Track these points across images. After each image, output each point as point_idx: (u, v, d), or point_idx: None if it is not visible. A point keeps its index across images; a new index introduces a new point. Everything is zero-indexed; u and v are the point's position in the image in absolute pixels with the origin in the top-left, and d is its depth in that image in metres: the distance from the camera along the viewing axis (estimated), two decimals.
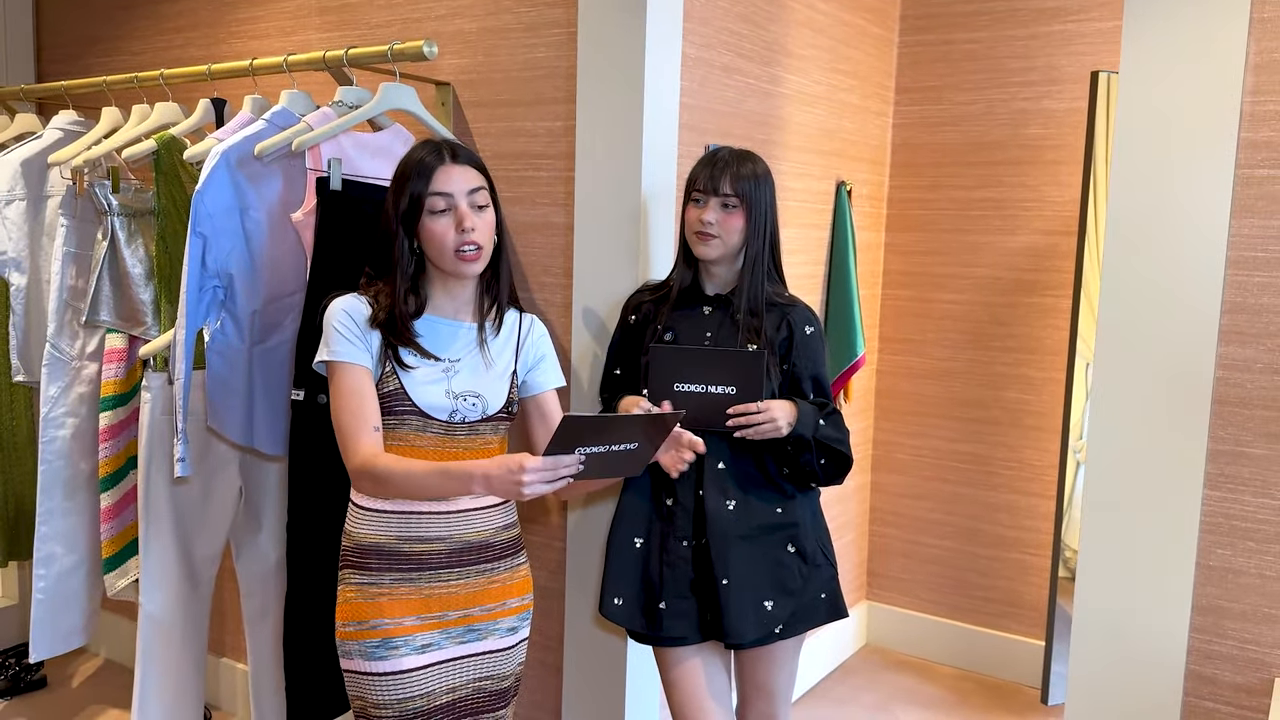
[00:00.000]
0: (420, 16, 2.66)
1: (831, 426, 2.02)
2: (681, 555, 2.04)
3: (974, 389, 3.59)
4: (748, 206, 2.02)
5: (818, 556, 2.08)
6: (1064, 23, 3.34)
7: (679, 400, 1.96)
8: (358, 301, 1.84)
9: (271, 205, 2.32)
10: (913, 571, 3.77)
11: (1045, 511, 3.50)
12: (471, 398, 1.86)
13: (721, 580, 1.99)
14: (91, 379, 2.73)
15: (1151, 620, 1.87)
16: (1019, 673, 3.57)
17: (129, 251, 2.59)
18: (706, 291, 2.12)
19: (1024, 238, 3.46)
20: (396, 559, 1.83)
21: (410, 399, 1.81)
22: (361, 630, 1.81)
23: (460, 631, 1.88)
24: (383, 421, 1.82)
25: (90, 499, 2.78)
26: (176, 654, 2.59)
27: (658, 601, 2.04)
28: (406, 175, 1.80)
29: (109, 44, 3.35)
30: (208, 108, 2.59)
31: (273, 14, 2.94)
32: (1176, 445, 1.83)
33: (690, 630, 2.04)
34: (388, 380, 1.80)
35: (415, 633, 1.83)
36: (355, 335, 1.80)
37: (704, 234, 2.02)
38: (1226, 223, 1.76)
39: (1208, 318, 1.78)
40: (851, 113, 3.41)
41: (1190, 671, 1.86)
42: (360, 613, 1.81)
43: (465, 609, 1.88)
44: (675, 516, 2.05)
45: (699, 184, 2.05)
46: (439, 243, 1.79)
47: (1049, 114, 3.38)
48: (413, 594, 1.83)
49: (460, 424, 1.86)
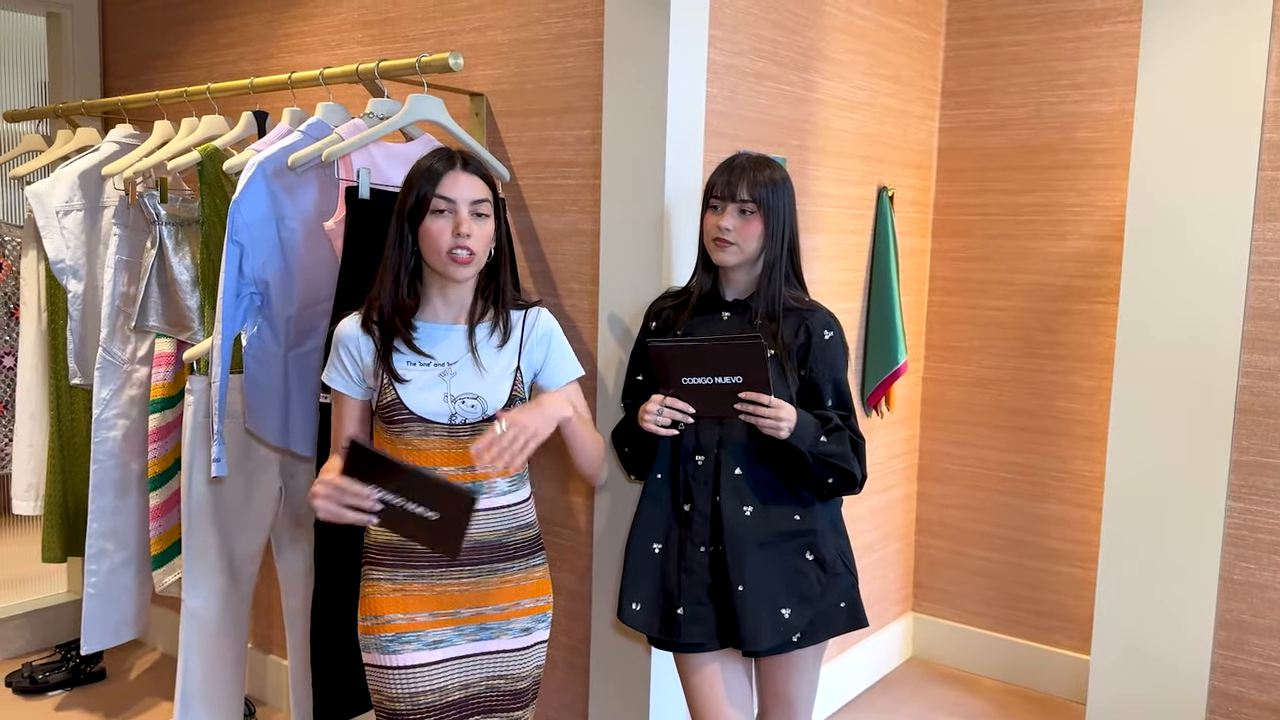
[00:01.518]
0: (456, 29, 2.71)
1: (833, 442, 1.99)
2: (699, 561, 2.04)
3: (1022, 397, 3.52)
4: (765, 212, 2.02)
5: (837, 564, 2.06)
6: (1114, 24, 3.26)
7: (689, 394, 1.95)
8: (354, 324, 1.91)
9: (306, 214, 2.39)
10: (959, 583, 3.71)
11: (1096, 523, 3.41)
12: (470, 400, 1.89)
13: (737, 587, 1.99)
14: (142, 382, 2.84)
15: (1174, 635, 1.82)
16: (1066, 688, 3.49)
17: (176, 259, 2.68)
18: (726, 297, 2.12)
19: (1073, 243, 3.38)
20: (410, 556, 1.89)
21: (408, 408, 1.86)
22: (377, 624, 1.88)
23: (473, 629, 1.93)
24: (387, 428, 1.89)
25: (140, 498, 2.88)
26: (218, 649, 2.67)
27: (675, 608, 2.04)
28: (416, 177, 1.87)
29: (168, 59, 3.48)
30: (250, 120, 2.67)
31: (318, 29, 3.03)
32: (1199, 456, 1.78)
33: (708, 637, 2.04)
34: (386, 391, 1.87)
35: (427, 628, 1.89)
36: (347, 362, 1.91)
37: (721, 241, 2.03)
38: (1249, 226, 1.71)
39: (1230, 324, 1.73)
40: (894, 117, 3.37)
41: (1214, 688, 1.80)
42: (376, 607, 1.89)
43: (478, 607, 1.93)
44: (693, 522, 2.05)
45: (716, 190, 2.05)
46: (434, 242, 1.84)
47: (1098, 117, 3.31)
48: (425, 590, 1.89)
49: (462, 425, 1.90)
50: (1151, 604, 1.83)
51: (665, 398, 1.98)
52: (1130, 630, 1.85)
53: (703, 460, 2.05)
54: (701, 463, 2.05)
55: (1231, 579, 1.77)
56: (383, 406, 1.87)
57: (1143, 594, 1.84)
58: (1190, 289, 1.77)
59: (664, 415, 1.97)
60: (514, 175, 2.62)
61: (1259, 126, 1.69)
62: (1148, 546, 1.83)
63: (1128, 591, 1.85)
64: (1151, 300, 1.80)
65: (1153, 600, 1.83)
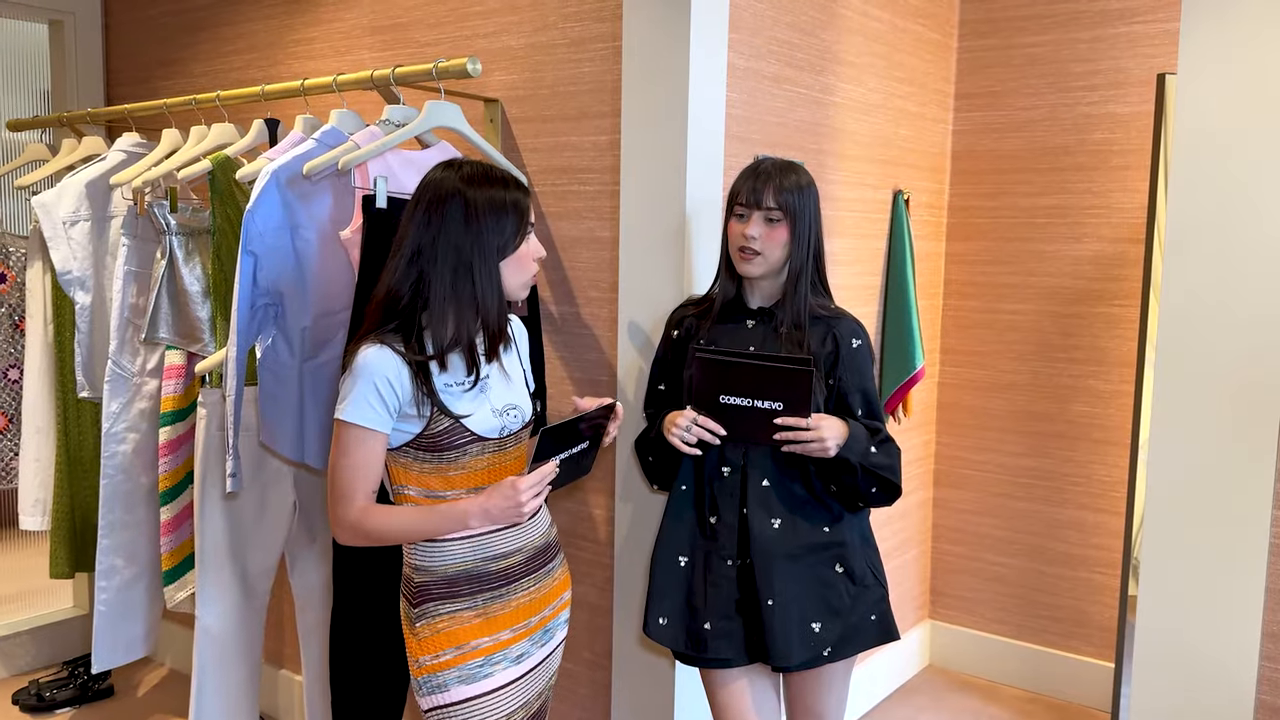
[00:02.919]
0: (469, 34, 2.67)
1: (883, 454, 1.97)
2: (726, 575, 2.00)
3: (1040, 402, 3.48)
4: (791, 219, 1.98)
5: (867, 577, 2.02)
6: (1129, 24, 3.23)
7: (723, 414, 1.92)
8: (395, 359, 1.70)
9: (321, 223, 2.35)
10: (977, 590, 3.67)
11: (1114, 528, 3.37)
12: (511, 410, 1.84)
13: (766, 601, 1.95)
14: (152, 395, 2.79)
15: (1219, 648, 1.78)
16: (1087, 695, 3.45)
17: (186, 270, 2.64)
18: (750, 305, 2.08)
19: (1091, 245, 3.35)
20: (485, 579, 1.81)
21: (469, 429, 1.76)
22: (460, 655, 1.78)
23: (540, 635, 1.90)
24: (437, 459, 1.76)
25: (151, 512, 2.83)
26: (232, 666, 2.63)
27: (702, 622, 2.00)
28: (506, 211, 1.74)
29: (173, 67, 3.44)
30: (261, 128, 2.63)
31: (328, 35, 2.98)
32: (1243, 462, 1.74)
33: (736, 652, 1.99)
34: (436, 420, 1.73)
35: (511, 645, 1.84)
36: (387, 395, 1.70)
37: (746, 251, 1.99)
38: None
39: (1274, 329, 1.70)
40: (909, 120, 3.34)
41: (1261, 702, 1.76)
42: (456, 638, 1.79)
43: (540, 611, 1.90)
44: (719, 535, 2.01)
45: (741, 197, 2.01)
46: (527, 265, 1.80)
47: (1115, 118, 3.27)
48: (504, 609, 1.83)
49: (509, 438, 1.84)
50: (1195, 616, 1.79)
51: (697, 415, 1.94)
52: (1173, 643, 1.81)
53: (729, 472, 2.01)
54: (728, 474, 2.01)
55: (1278, 589, 1.73)
56: (433, 436, 1.74)
57: (1186, 606, 1.80)
58: (1233, 293, 1.73)
59: (692, 433, 1.94)
60: (530, 182, 2.58)
61: None
62: (1190, 557, 1.79)
63: (1170, 603, 1.81)
64: (1193, 306, 1.76)
65: (1196, 612, 1.79)
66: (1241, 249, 1.73)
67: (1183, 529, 1.80)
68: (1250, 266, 1.72)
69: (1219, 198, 1.74)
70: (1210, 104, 1.74)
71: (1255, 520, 1.73)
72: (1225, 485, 1.76)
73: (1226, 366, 1.75)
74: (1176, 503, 1.80)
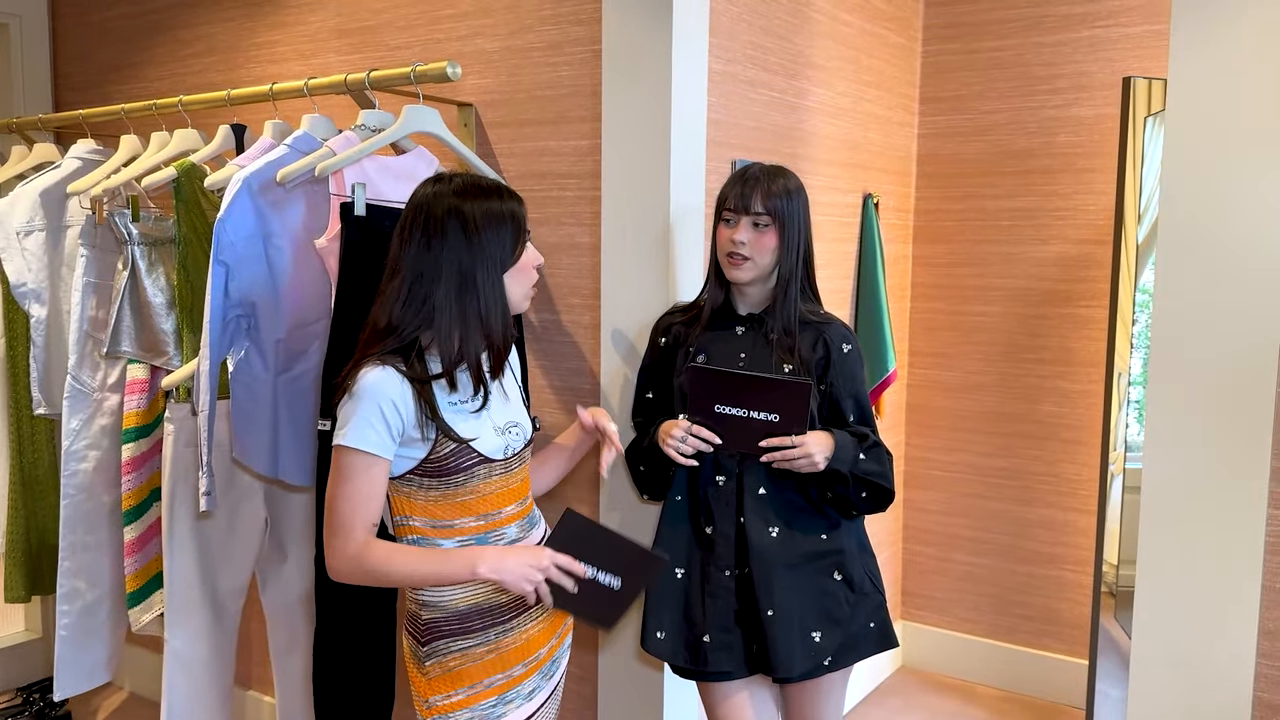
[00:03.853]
0: (441, 37, 2.62)
1: (872, 460, 1.95)
2: (724, 585, 1.97)
3: (1008, 402, 3.51)
4: (780, 224, 1.96)
5: (865, 584, 2.01)
6: (1092, 29, 3.28)
7: (718, 422, 1.90)
8: (398, 381, 1.63)
9: (295, 232, 2.28)
10: (948, 590, 3.69)
11: (1084, 526, 3.41)
12: (513, 427, 1.78)
13: (766, 611, 1.93)
14: (114, 411, 2.69)
15: (1216, 646, 1.79)
16: (1062, 693, 3.48)
17: (150, 281, 2.55)
18: (739, 311, 2.05)
19: (1056, 247, 3.39)
20: (498, 613, 1.74)
21: (476, 450, 1.69)
22: (473, 694, 1.71)
23: (549, 667, 1.83)
24: (451, 481, 1.68)
25: (114, 533, 2.73)
26: (203, 690, 2.54)
27: (701, 635, 1.97)
28: (504, 222, 1.68)
29: (127, 71, 3.33)
30: (228, 134, 2.55)
31: (291, 38, 2.91)
32: (1238, 462, 1.76)
33: (736, 664, 1.97)
34: (441, 444, 1.66)
35: (523, 680, 1.76)
36: (391, 420, 1.62)
37: (736, 257, 1.96)
38: None
39: (1268, 328, 1.72)
40: (877, 124, 3.35)
41: (1258, 699, 1.78)
42: (469, 676, 1.72)
43: (549, 642, 1.83)
44: (716, 545, 1.98)
45: (730, 203, 1.98)
46: (529, 277, 1.75)
47: (1079, 121, 3.32)
48: (515, 642, 1.75)
49: (514, 457, 1.77)
50: (1192, 615, 1.81)
51: (691, 425, 1.92)
52: (1171, 641, 1.82)
53: (724, 481, 1.98)
54: (723, 483, 1.99)
55: (1275, 588, 1.75)
56: (439, 459, 1.66)
57: (1182, 605, 1.81)
58: (1225, 294, 1.75)
59: (688, 444, 1.91)
60: None
61: None
62: (1187, 557, 1.80)
63: (1167, 602, 1.82)
64: (1186, 305, 1.78)
65: (1193, 611, 1.80)
66: (1234, 249, 1.75)
67: (1179, 529, 1.82)
68: (1241, 266, 1.74)
69: (1211, 198, 1.76)
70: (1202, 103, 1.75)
71: (1252, 519, 1.75)
72: (1221, 485, 1.78)
73: (1220, 366, 1.77)
74: (1173, 502, 1.82)
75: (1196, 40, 1.75)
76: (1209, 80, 1.75)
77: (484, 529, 1.73)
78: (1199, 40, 1.75)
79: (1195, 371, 1.79)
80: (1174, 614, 1.82)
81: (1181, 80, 1.76)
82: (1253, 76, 1.72)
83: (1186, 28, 1.76)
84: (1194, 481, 1.80)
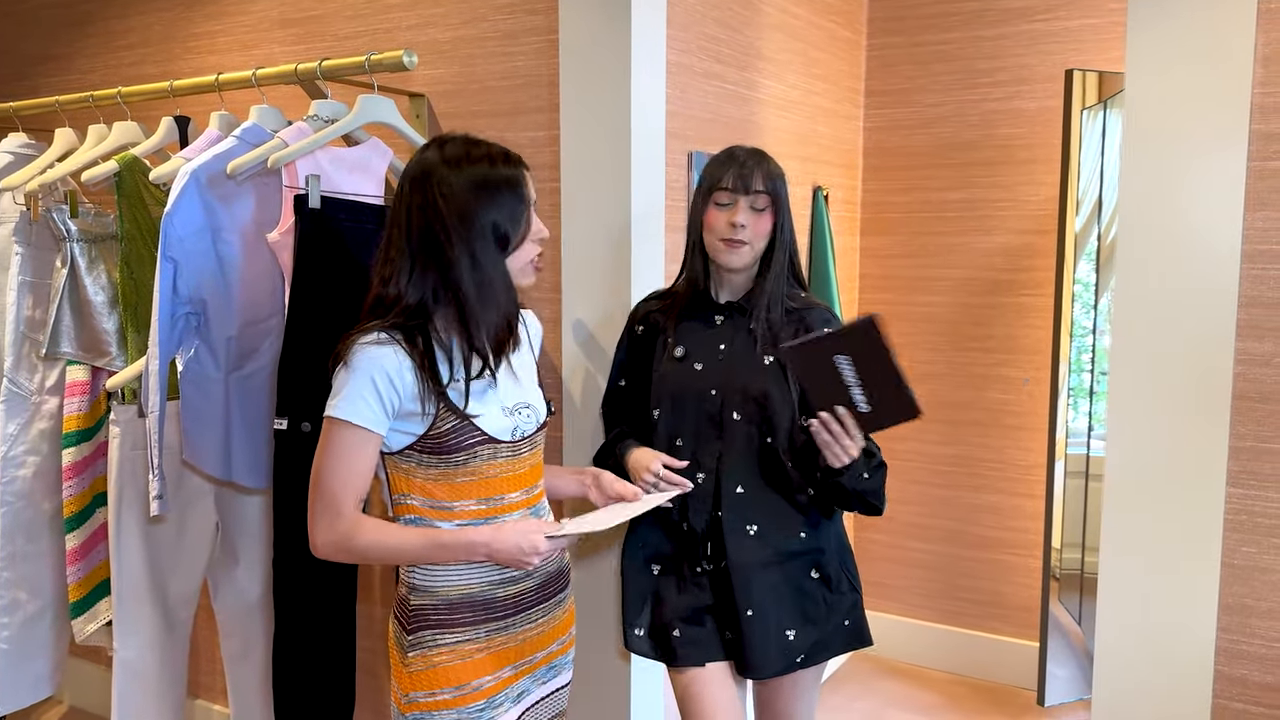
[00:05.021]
0: (390, 27, 2.57)
1: (875, 478, 1.88)
2: (696, 581, 1.94)
3: (955, 390, 3.57)
4: (777, 206, 1.91)
5: (842, 583, 1.98)
6: (1031, 22, 3.34)
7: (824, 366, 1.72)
8: (397, 353, 1.58)
9: (245, 226, 2.22)
10: (899, 576, 3.74)
11: (1031, 511, 3.48)
12: (524, 409, 1.70)
13: (745, 611, 1.89)
14: (53, 414, 2.59)
15: (1177, 622, 1.84)
16: (1013, 675, 3.55)
17: (90, 279, 2.46)
18: (719, 299, 1.99)
19: (999, 238, 3.45)
20: (492, 607, 1.66)
21: (479, 428, 1.62)
22: (460, 696, 1.63)
23: (543, 672, 1.76)
24: (451, 460, 1.62)
25: (55, 541, 2.63)
26: (154, 701, 2.46)
27: (672, 629, 1.95)
28: (501, 191, 1.62)
29: (56, 63, 3.21)
30: (171, 126, 2.47)
31: (231, 28, 2.83)
32: (1197, 443, 1.80)
33: (705, 656, 1.94)
34: (443, 419, 1.59)
35: (513, 683, 1.69)
36: (386, 393, 1.57)
37: (733, 241, 1.88)
38: (1240, 216, 1.74)
39: (1225, 313, 1.76)
40: (825, 117, 3.38)
41: (1219, 672, 1.83)
42: (457, 676, 1.63)
43: (547, 646, 1.76)
44: (690, 541, 1.95)
45: (726, 183, 1.89)
46: (531, 253, 1.69)
47: (1020, 113, 3.38)
48: (509, 642, 1.68)
49: (522, 440, 1.70)
50: (1154, 592, 1.85)
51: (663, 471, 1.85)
52: (1134, 618, 1.87)
53: (704, 479, 1.94)
54: (702, 480, 1.94)
55: (1233, 564, 1.80)
56: (439, 436, 1.60)
57: (1145, 582, 1.85)
58: (1184, 280, 1.79)
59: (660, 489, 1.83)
60: None
61: (1247, 118, 1.73)
62: (1149, 535, 1.84)
63: (1130, 580, 1.86)
64: (1146, 292, 1.82)
65: (1155, 588, 1.85)
66: (1192, 237, 1.79)
67: (1142, 507, 1.86)
68: (1200, 254, 1.79)
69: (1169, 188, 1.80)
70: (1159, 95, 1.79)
71: (1211, 497, 1.80)
72: (1181, 465, 1.82)
73: (1179, 352, 1.81)
74: (1136, 481, 1.86)
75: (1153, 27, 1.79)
76: (1165, 69, 1.79)
77: (485, 513, 1.65)
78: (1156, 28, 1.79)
79: (1156, 353, 1.83)
80: (1137, 590, 1.87)
81: (1138, 69, 1.80)
82: (1208, 64, 1.76)
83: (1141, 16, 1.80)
84: (1155, 460, 1.84)
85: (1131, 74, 1.80)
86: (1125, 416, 1.86)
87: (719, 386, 1.92)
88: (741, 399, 1.91)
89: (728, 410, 1.91)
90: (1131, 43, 1.80)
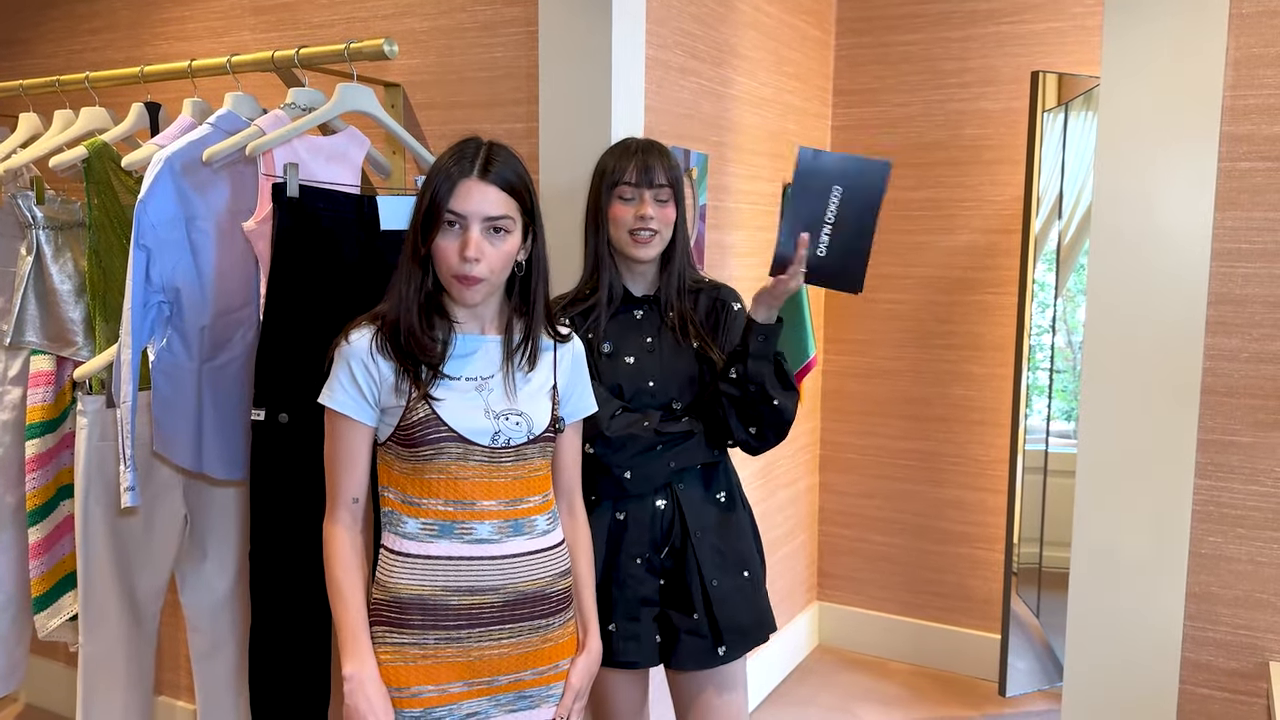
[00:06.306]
0: (366, 15, 2.55)
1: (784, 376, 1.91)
2: (632, 574, 1.94)
3: (919, 387, 3.62)
4: (678, 196, 1.93)
5: (760, 580, 2.02)
6: (998, 25, 3.40)
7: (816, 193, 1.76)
8: (366, 337, 1.60)
9: (219, 214, 2.19)
10: (863, 570, 3.79)
11: (993, 506, 3.55)
12: (514, 416, 1.64)
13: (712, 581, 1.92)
14: (16, 405, 2.54)
15: (1147, 609, 1.89)
16: (974, 666, 3.62)
17: (56, 267, 2.42)
18: (635, 293, 1.99)
19: (964, 237, 3.50)
20: (442, 614, 1.61)
21: (445, 423, 1.58)
22: (400, 698, 1.59)
23: (511, 699, 1.67)
24: (412, 455, 1.59)
25: (18, 534, 2.58)
26: (121, 697, 2.42)
27: (607, 624, 1.93)
28: (433, 178, 1.59)
29: (18, 47, 3.14)
30: (141, 112, 2.43)
31: (201, 14, 2.79)
32: (1167, 436, 1.85)
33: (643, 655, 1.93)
34: (415, 408, 1.58)
35: (461, 700, 1.63)
36: (362, 380, 1.59)
37: (645, 234, 1.89)
38: (1211, 216, 1.79)
39: (1195, 310, 1.81)
40: (795, 115, 3.41)
41: (1185, 659, 1.88)
42: (398, 678, 1.60)
43: (517, 672, 1.66)
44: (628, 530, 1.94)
45: (630, 177, 1.89)
46: (442, 261, 1.59)
47: (985, 114, 3.44)
48: (459, 656, 1.62)
49: (505, 448, 1.63)
50: (1124, 580, 1.89)
51: None
52: (1104, 607, 1.91)
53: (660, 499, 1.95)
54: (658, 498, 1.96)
55: (1200, 553, 1.85)
56: (408, 427, 1.58)
57: (1116, 572, 1.90)
58: (1156, 277, 1.83)
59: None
60: None
61: (1218, 119, 1.78)
62: (1119, 525, 1.89)
63: (1101, 568, 1.91)
64: (1118, 289, 1.86)
65: (1125, 576, 1.89)
66: (1163, 236, 1.84)
67: (1112, 500, 1.90)
68: (1171, 252, 1.83)
69: (1141, 188, 1.85)
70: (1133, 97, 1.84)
71: (1180, 489, 1.84)
72: (1151, 457, 1.87)
73: (1150, 347, 1.86)
74: (1106, 474, 1.90)
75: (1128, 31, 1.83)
76: (1139, 72, 1.83)
77: (451, 516, 1.61)
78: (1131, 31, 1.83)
79: (1128, 348, 1.87)
80: (1107, 578, 1.91)
81: (1113, 71, 1.85)
82: (1181, 67, 1.81)
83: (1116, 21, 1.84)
84: (1126, 452, 1.89)
85: (1106, 76, 1.84)
86: (1097, 409, 1.90)
87: (655, 378, 1.95)
88: (679, 389, 1.95)
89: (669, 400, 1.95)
90: (1107, 46, 1.84)
